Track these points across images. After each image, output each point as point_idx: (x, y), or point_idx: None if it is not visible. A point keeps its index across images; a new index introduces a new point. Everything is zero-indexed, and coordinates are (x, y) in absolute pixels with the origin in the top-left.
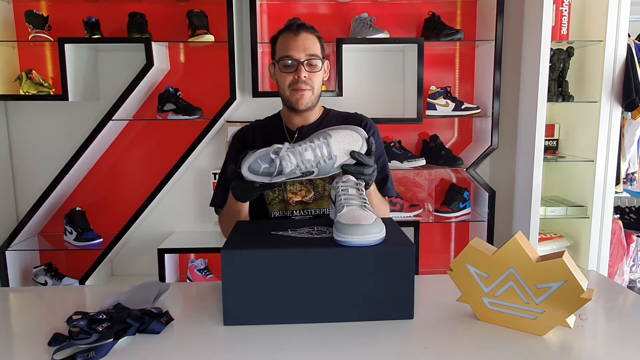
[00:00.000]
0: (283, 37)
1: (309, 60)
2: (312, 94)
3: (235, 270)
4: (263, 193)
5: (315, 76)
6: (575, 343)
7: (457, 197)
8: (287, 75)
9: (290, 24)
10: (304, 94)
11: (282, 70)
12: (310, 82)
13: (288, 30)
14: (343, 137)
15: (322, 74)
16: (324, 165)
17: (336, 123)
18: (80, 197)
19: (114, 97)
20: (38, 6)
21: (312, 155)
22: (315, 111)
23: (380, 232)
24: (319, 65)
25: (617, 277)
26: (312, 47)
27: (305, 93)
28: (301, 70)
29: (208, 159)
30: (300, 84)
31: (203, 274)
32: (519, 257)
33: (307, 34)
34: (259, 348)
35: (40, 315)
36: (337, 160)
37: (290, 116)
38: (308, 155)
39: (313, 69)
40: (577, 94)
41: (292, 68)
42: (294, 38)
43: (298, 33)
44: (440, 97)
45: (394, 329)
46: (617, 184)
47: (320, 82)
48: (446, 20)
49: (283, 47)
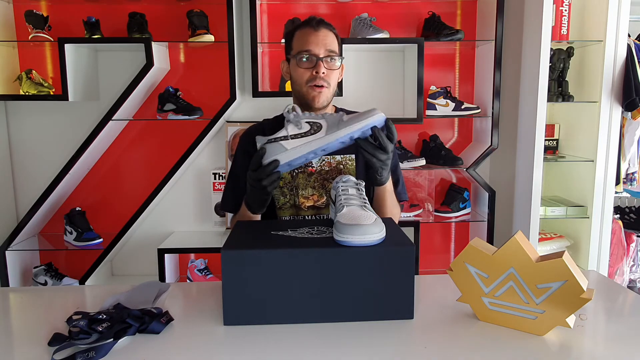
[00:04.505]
0: (302, 32)
1: (328, 56)
2: (329, 91)
3: (235, 270)
4: (274, 197)
5: (333, 74)
6: (575, 343)
7: (457, 197)
8: (305, 71)
9: (310, 19)
10: (322, 91)
11: (300, 65)
12: (328, 79)
13: (307, 26)
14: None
15: (339, 72)
16: (333, 123)
17: None
18: (80, 197)
19: (114, 97)
20: (38, 6)
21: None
22: (328, 110)
23: (380, 232)
24: (338, 63)
25: (617, 277)
26: (332, 44)
27: (324, 90)
28: (320, 66)
29: (208, 159)
30: (319, 80)
31: (203, 274)
32: (519, 257)
33: (327, 31)
34: (259, 348)
35: (40, 315)
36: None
37: None
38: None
39: (331, 66)
40: (577, 94)
41: (310, 63)
42: (314, 33)
43: (318, 29)
44: (440, 97)
45: (394, 329)
46: (617, 184)
47: (336, 81)
48: (446, 20)
49: (302, 41)
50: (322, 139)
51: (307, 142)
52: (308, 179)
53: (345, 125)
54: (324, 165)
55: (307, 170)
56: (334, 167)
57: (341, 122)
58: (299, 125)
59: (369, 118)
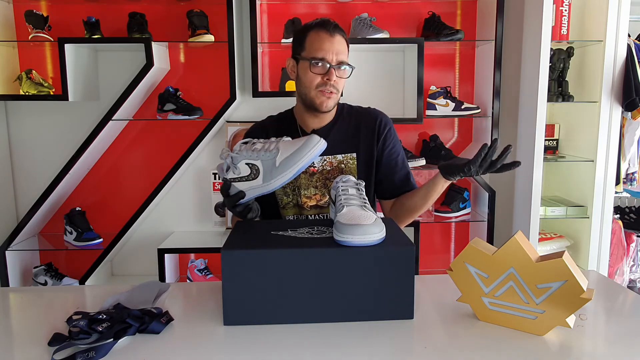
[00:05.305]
0: (317, 34)
1: (341, 64)
2: (337, 97)
3: (235, 270)
4: (277, 197)
5: (342, 81)
6: (575, 343)
7: (457, 197)
8: (316, 76)
9: (325, 22)
10: (331, 97)
11: (313, 70)
12: (337, 86)
13: (323, 29)
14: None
15: None
16: (267, 168)
17: (350, 119)
18: (80, 197)
19: (114, 97)
20: (38, 6)
21: (260, 145)
22: (332, 112)
23: (380, 232)
24: (349, 72)
25: (617, 277)
26: (344, 51)
27: (332, 96)
28: (332, 74)
29: (208, 159)
30: (329, 87)
31: (203, 274)
32: (519, 257)
33: (341, 37)
34: (259, 348)
35: (40, 315)
36: (284, 173)
37: (305, 116)
38: (258, 145)
39: (342, 74)
40: (577, 94)
41: (323, 69)
42: (330, 39)
43: (334, 34)
44: (440, 97)
45: (394, 329)
46: (617, 184)
47: (343, 86)
48: (446, 20)
49: (317, 46)
50: (261, 187)
51: (250, 187)
52: (310, 179)
53: (284, 170)
54: (326, 165)
55: (309, 170)
56: (335, 167)
57: (274, 168)
58: (237, 170)
59: (307, 155)
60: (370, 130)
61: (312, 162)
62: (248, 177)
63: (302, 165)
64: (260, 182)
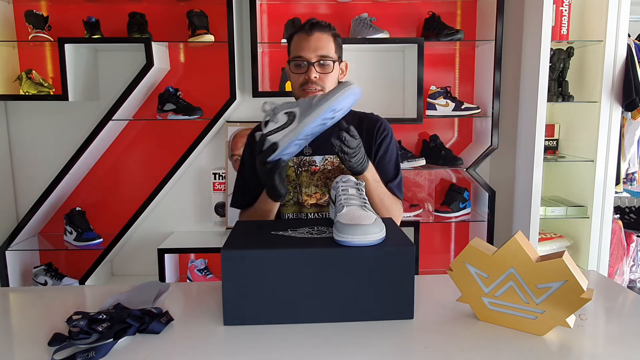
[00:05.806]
0: (297, 36)
1: (320, 60)
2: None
3: (235, 270)
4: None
5: (327, 77)
6: (575, 343)
7: (457, 197)
8: (299, 76)
9: (304, 24)
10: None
11: (294, 70)
12: (322, 82)
13: (301, 30)
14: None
15: (336, 74)
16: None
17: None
18: (80, 197)
19: (114, 97)
20: (38, 6)
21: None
22: None
23: (380, 232)
24: (331, 65)
25: (617, 277)
26: (326, 47)
27: (318, 94)
28: (311, 71)
29: (208, 159)
30: (311, 85)
31: (203, 274)
32: (519, 257)
33: (320, 34)
34: (259, 348)
35: (40, 315)
36: (319, 108)
37: None
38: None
39: (324, 69)
40: (577, 94)
41: (303, 68)
42: (306, 38)
43: (311, 33)
44: (440, 97)
45: (394, 329)
46: (617, 184)
47: (334, 82)
48: (446, 20)
49: (295, 46)
50: (295, 130)
51: (284, 135)
52: (311, 178)
53: (315, 108)
54: (327, 164)
55: (311, 169)
56: (336, 167)
57: (311, 105)
58: (275, 120)
59: (336, 95)
60: (370, 133)
61: (345, 107)
62: (284, 125)
63: (333, 103)
64: (296, 124)
